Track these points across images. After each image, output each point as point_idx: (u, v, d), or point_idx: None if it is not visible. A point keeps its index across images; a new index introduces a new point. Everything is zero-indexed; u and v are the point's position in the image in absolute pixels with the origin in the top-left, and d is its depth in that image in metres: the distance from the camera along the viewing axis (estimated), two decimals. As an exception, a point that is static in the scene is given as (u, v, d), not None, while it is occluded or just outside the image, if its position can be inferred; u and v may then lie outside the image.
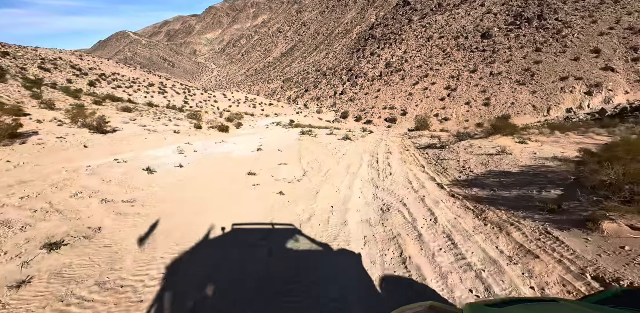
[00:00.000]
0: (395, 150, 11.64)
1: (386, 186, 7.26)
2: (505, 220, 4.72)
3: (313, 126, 21.93)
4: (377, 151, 11.32)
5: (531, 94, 43.76)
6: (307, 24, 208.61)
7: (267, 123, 30.13)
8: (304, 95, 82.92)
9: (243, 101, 62.51)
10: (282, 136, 14.41)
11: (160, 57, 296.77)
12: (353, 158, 10.09)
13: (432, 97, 49.32)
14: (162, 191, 6.43)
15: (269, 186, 7.18)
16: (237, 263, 3.98)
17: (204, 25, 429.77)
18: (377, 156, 10.44)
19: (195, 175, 7.80)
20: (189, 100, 51.41)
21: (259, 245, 4.48)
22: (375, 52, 76.55)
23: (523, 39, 54.15)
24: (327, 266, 3.98)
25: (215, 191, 6.76)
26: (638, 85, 41.78)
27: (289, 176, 7.94)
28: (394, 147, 12.36)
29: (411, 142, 14.27)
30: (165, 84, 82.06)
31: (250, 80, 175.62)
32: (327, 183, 7.57)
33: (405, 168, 8.77)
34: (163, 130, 12.97)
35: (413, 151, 11.28)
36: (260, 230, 5.05)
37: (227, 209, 5.80)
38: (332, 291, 3.45)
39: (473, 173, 7.55)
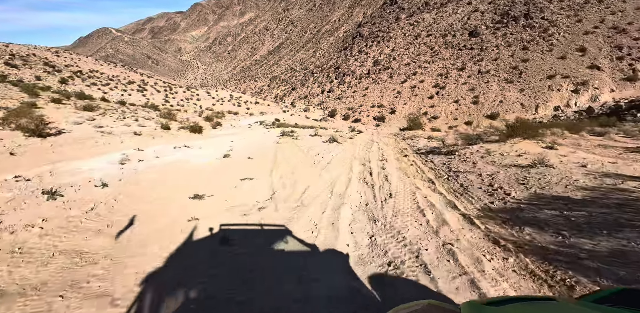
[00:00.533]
0: (391, 156, 9.92)
1: (388, 219, 4.97)
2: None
3: (298, 126, 20.54)
4: (370, 157, 9.53)
5: (519, 92, 43.48)
6: (295, 22, 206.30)
7: (251, 122, 28.55)
8: (291, 93, 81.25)
9: (228, 99, 60.46)
10: (259, 138, 12.82)
11: (143, 54, 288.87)
12: (340, 169, 8.17)
13: (421, 96, 48.57)
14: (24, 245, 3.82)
15: (212, 220, 4.93)
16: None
17: (190, 22, 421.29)
18: (369, 165, 8.54)
19: (112, 202, 5.43)
20: (170, 99, 49.12)
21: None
22: (363, 50, 75.52)
23: (510, 37, 54.03)
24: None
25: (112, 246, 4.07)
26: (623, 83, 41.98)
27: (250, 201, 5.88)
28: (388, 151, 10.79)
29: (407, 144, 12.74)
30: (147, 82, 79.01)
31: (237, 78, 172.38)
32: (300, 213, 5.27)
33: (409, 185, 6.66)
34: (122, 132, 11.32)
35: (413, 158, 9.53)
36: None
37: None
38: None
39: (512, 198, 5.35)
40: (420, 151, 10.80)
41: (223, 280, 3.39)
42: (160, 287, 3.23)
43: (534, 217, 4.49)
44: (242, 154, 9.36)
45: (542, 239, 3.88)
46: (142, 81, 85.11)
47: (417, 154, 10.25)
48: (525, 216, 4.58)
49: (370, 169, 8.07)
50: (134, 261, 3.67)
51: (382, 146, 12.08)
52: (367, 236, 4.50)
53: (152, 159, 8.37)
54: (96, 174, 6.76)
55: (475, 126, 40.38)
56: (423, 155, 9.83)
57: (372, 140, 14.16)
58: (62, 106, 16.30)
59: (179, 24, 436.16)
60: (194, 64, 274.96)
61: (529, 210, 4.75)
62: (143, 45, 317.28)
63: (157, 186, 6.47)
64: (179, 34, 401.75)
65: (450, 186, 6.51)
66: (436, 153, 9.80)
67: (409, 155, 10.11)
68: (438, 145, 11.59)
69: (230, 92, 69.78)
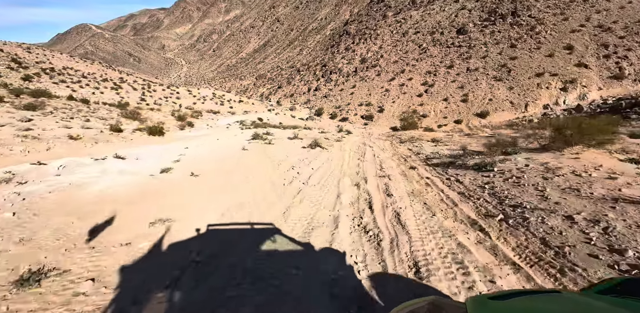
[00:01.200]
0: (394, 168, 7.57)
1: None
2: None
3: (280, 126, 18.64)
4: (365, 172, 7.14)
5: (508, 90, 42.75)
6: (281, 20, 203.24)
7: (230, 121, 26.46)
8: (277, 92, 79.01)
9: (210, 97, 57.83)
10: (226, 141, 10.81)
11: (125, 52, 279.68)
12: (321, 197, 5.53)
13: (410, 94, 47.33)
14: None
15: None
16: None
17: (173, 19, 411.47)
18: (366, 188, 5.96)
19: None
20: (147, 97, 46.27)
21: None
22: (350, 47, 73.97)
23: (498, 35, 53.45)
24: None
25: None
26: (610, 81, 41.77)
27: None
28: (387, 160, 8.54)
29: (408, 149, 10.38)
30: (125, 80, 75.33)
31: (222, 77, 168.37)
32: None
33: (442, 236, 3.99)
34: (55, 136, 9.20)
35: (426, 172, 6.98)
36: None
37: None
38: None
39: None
40: (432, 160, 8.34)
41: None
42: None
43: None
44: (189, 169, 6.98)
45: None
46: (120, 78, 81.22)
47: (429, 165, 7.64)
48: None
49: (369, 198, 5.45)
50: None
51: (378, 151, 10.10)
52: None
53: (35, 182, 5.50)
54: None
55: (465, 124, 39.39)
56: (439, 168, 7.18)
57: (363, 143, 12.37)
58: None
59: (162, 21, 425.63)
60: (178, 62, 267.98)
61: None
62: (124, 42, 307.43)
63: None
64: (163, 31, 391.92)
65: (525, 244, 3.62)
66: (458, 165, 7.14)
67: (418, 167, 7.51)
68: (452, 151, 9.12)
69: (213, 90, 67.01)
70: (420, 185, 6.17)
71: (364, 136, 16.15)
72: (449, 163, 7.59)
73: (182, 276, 3.17)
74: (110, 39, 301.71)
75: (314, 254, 3.49)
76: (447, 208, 4.83)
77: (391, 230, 4.17)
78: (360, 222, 4.48)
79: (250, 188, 5.99)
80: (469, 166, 6.87)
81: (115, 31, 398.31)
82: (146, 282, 3.08)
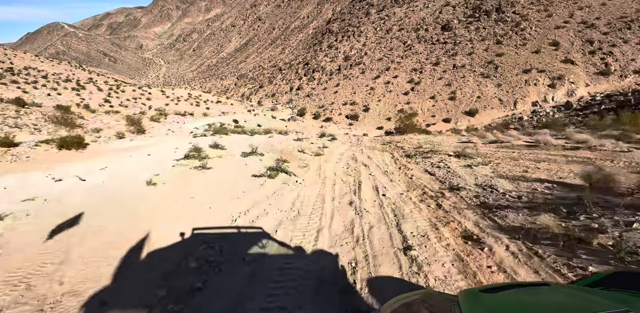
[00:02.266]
0: (440, 252, 3.65)
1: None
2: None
3: (246, 132, 15.75)
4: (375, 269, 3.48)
5: (497, 87, 41.36)
6: (263, 19, 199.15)
7: (199, 125, 23.39)
8: (258, 92, 75.75)
9: (185, 98, 54.11)
10: (145, 162, 7.62)
11: (100, 52, 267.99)
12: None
13: (396, 92, 45.32)
14: None
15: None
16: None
17: (152, 18, 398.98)
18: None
19: None
20: (113, 98, 42.30)
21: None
22: (333, 45, 71.60)
23: (483, 31, 52.28)
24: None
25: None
26: (597, 77, 41.04)
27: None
28: (411, 213, 4.71)
29: (430, 176, 6.52)
30: (95, 81, 70.37)
31: (203, 77, 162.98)
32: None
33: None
34: None
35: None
36: None
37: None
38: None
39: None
40: (500, 213, 4.30)
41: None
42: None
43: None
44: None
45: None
46: (89, 79, 76.00)
47: (513, 238, 3.66)
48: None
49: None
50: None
51: (381, 178, 6.35)
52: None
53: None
54: None
55: (454, 122, 37.60)
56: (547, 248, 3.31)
57: (354, 157, 8.69)
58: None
59: (140, 20, 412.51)
60: (157, 62, 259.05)
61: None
62: (99, 41, 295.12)
63: None
64: (140, 30, 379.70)
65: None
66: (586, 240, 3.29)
67: (494, 247, 3.58)
68: (515, 183, 5.38)
69: (189, 90, 63.17)
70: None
71: (352, 142, 12.66)
72: (557, 235, 3.46)
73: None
74: (83, 39, 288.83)
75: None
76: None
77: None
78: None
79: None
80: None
81: (90, 30, 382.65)
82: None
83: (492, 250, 3.48)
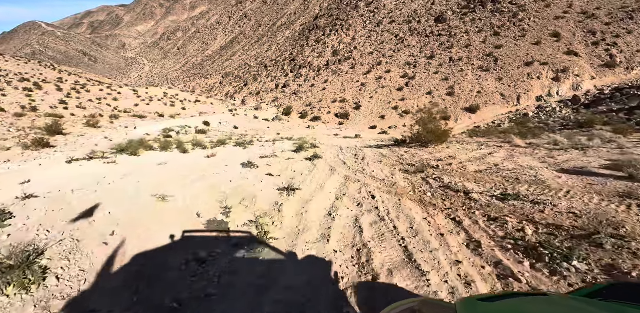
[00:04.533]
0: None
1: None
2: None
3: (200, 144, 11.76)
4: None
5: (497, 81, 38.23)
6: (248, 15, 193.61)
7: (155, 129, 19.25)
8: (242, 90, 71.33)
9: (159, 97, 49.47)
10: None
11: (78, 51, 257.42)
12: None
13: (388, 87, 41.77)
14: None
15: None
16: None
17: (134, 16, 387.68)
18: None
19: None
20: (72, 98, 37.50)
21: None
22: (320, 39, 67.68)
23: (479, 22, 49.19)
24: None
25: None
26: (602, 70, 38.38)
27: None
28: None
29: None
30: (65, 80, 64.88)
31: (187, 75, 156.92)
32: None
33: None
34: None
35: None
36: None
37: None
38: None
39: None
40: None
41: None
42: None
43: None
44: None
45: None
46: (58, 78, 70.37)
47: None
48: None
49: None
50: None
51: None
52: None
53: None
54: None
55: (454, 120, 34.21)
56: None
57: (359, 240, 3.99)
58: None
59: (122, 18, 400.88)
60: (140, 61, 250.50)
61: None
62: (78, 40, 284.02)
63: None
64: (123, 28, 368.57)
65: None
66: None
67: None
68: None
69: (165, 89, 58.40)
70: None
71: (346, 164, 8.10)
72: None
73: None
74: (62, 38, 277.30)
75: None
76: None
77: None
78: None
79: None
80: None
81: (71, 29, 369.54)
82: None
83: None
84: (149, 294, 3.13)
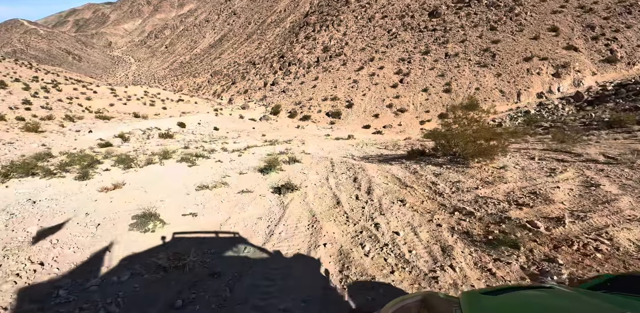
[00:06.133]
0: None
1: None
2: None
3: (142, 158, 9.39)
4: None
5: (496, 77, 36.40)
6: (238, 13, 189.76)
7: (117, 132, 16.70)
8: (230, 88, 68.46)
9: (140, 96, 46.47)
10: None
11: (62, 50, 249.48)
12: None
13: (382, 85, 39.62)
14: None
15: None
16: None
17: (121, 14, 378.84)
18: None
19: None
20: (39, 99, 34.43)
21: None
22: (311, 35, 65.23)
23: (475, 17, 47.40)
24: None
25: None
26: (603, 65, 36.87)
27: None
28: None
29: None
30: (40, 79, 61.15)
31: (175, 74, 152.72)
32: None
33: None
34: None
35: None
36: None
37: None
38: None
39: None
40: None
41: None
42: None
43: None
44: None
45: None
46: (33, 77, 66.62)
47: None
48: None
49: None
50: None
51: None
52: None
53: None
54: None
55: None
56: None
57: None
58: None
59: (109, 16, 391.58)
60: (126, 60, 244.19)
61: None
62: (62, 39, 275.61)
63: None
64: (109, 27, 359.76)
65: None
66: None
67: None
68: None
69: (146, 88, 55.25)
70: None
71: (339, 193, 5.62)
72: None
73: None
74: (45, 36, 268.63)
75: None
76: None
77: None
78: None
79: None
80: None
81: (55, 28, 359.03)
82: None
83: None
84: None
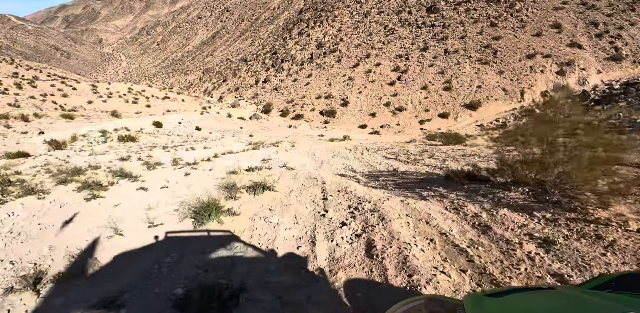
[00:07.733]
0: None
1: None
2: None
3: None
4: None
5: (499, 75, 34.70)
6: (231, 10, 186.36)
7: (73, 133, 14.48)
8: (221, 86, 65.97)
9: (122, 93, 43.88)
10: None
11: (50, 46, 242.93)
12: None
13: (379, 82, 37.67)
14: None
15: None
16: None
17: (112, 10, 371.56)
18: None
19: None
20: (9, 95, 31.87)
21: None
22: (304, 31, 63.01)
23: (474, 13, 45.68)
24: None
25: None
26: (608, 63, 35.40)
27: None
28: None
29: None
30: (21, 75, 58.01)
31: (166, 72, 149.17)
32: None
33: None
34: None
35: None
36: None
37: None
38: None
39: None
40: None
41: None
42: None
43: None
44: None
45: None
46: (14, 73, 63.48)
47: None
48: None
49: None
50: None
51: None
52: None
53: None
54: None
55: (453, 118, 30.42)
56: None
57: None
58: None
59: (99, 12, 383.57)
60: (117, 57, 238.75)
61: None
62: (50, 35, 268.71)
63: None
64: (100, 23, 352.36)
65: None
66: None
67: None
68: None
69: (130, 85, 52.54)
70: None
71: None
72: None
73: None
74: (32, 32, 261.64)
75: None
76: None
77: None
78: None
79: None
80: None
81: (44, 24, 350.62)
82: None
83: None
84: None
